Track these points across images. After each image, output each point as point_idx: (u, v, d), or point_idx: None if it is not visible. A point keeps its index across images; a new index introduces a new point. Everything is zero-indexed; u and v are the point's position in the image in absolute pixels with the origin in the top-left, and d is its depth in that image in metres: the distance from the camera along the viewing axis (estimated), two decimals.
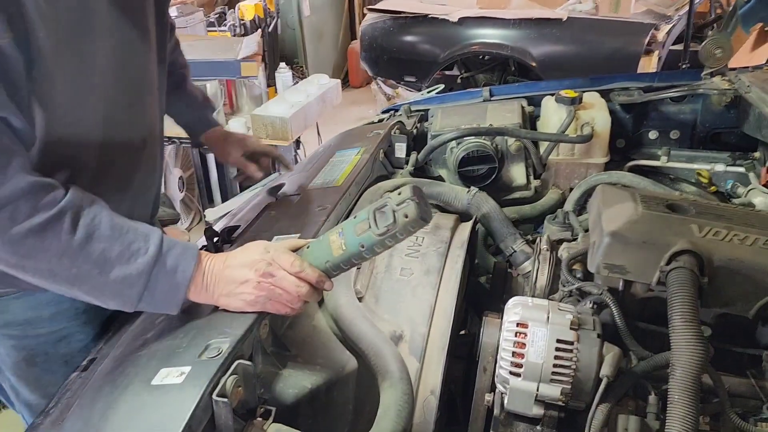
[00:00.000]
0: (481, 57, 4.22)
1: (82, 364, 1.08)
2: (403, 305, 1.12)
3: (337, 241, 0.93)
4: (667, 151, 1.85)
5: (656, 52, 3.57)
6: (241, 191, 3.22)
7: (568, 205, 1.63)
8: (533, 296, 1.19)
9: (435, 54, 4.25)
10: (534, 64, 3.89)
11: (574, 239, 1.27)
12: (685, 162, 1.85)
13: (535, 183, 1.80)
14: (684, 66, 2.98)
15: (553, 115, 1.81)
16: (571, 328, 0.97)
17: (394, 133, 1.78)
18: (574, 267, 1.18)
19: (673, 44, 3.86)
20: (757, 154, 1.78)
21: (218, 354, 0.84)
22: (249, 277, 0.93)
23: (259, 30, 4.11)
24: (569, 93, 1.78)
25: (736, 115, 1.87)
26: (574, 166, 1.81)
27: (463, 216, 1.45)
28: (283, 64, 3.74)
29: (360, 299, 1.09)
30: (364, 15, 4.85)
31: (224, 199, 3.51)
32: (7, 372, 1.24)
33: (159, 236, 0.94)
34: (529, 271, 1.34)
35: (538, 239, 1.29)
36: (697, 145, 1.96)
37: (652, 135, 1.98)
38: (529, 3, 4.48)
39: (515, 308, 1.02)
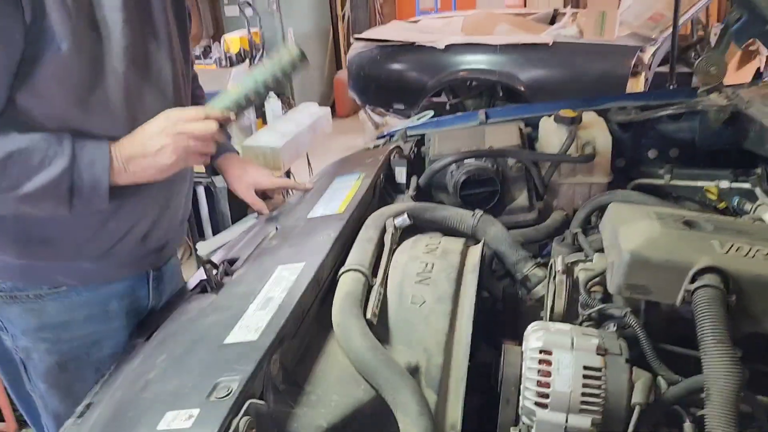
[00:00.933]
0: (468, 83, 4.24)
1: (78, 409, 1.00)
2: (416, 335, 1.07)
3: (235, 86, 1.19)
4: (669, 169, 1.83)
5: (643, 74, 3.60)
6: (232, 223, 3.16)
7: (575, 226, 1.59)
8: (551, 321, 1.14)
9: (423, 81, 4.26)
10: (522, 89, 3.91)
11: (589, 260, 1.23)
12: (689, 180, 1.83)
13: (538, 205, 1.76)
14: (671, 87, 3.00)
15: (552, 136, 1.79)
16: (597, 354, 0.92)
17: (393, 157, 1.75)
18: (593, 289, 1.14)
19: (658, 65, 3.91)
20: (759, 170, 1.76)
21: (228, 394, 0.78)
22: (163, 142, 1.07)
23: (247, 60, 4.10)
24: (568, 113, 1.76)
25: (735, 131, 1.86)
26: (577, 186, 1.78)
27: (468, 240, 1.41)
28: (271, 93, 3.72)
29: (371, 329, 1.04)
30: (349, 45, 4.87)
31: (215, 232, 3.44)
32: (38, 380, 1.24)
33: (69, 137, 1.04)
34: (543, 296, 1.29)
35: (551, 262, 1.25)
36: (696, 162, 1.95)
37: (652, 154, 1.96)
38: (513, 29, 4.53)
39: (537, 333, 0.97)
